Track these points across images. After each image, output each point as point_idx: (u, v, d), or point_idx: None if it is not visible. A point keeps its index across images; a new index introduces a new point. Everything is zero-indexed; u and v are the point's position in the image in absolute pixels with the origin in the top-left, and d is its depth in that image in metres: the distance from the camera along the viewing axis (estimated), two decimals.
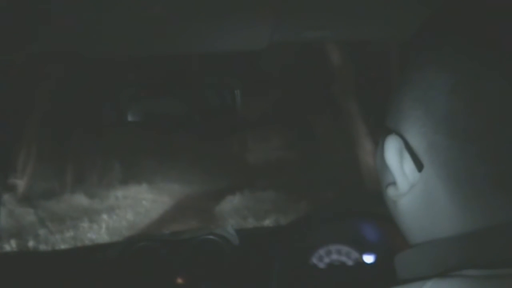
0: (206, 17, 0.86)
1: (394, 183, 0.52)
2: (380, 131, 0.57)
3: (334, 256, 1.34)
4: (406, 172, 0.50)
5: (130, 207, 9.68)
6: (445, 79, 0.45)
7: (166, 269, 1.29)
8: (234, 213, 8.64)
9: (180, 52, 1.09)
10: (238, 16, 0.87)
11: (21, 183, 9.35)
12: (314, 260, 1.33)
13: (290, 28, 0.99)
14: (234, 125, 12.85)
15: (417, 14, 0.91)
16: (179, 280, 1.28)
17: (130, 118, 1.14)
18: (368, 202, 1.38)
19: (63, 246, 6.48)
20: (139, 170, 13.67)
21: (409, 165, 0.49)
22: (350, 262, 1.33)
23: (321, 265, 1.32)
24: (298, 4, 0.86)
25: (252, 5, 0.84)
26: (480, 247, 0.44)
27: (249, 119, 11.89)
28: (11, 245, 6.20)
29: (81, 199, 10.20)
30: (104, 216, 8.49)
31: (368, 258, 1.33)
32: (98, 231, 7.61)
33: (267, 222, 7.40)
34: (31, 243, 6.47)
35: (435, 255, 0.47)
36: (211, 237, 1.32)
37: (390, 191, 0.53)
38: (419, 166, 0.48)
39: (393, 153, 0.50)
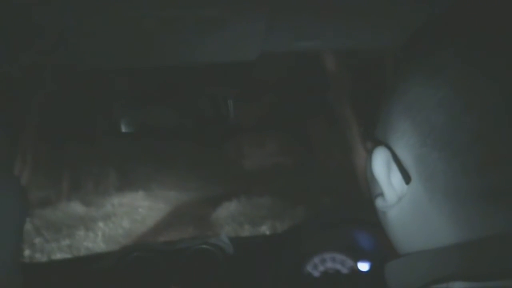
0: (198, 28, 0.87)
1: (382, 195, 0.52)
2: (369, 142, 0.57)
3: (329, 264, 1.33)
4: (393, 184, 0.50)
5: (126, 215, 9.65)
6: (431, 92, 0.46)
7: (161, 280, 1.29)
8: (230, 220, 8.62)
9: (172, 64, 1.09)
10: (230, 27, 0.88)
11: None
12: (309, 268, 1.33)
13: (282, 39, 0.99)
14: (230, 132, 12.86)
15: (410, 23, 0.92)
16: None
17: (123, 128, 1.14)
18: (363, 209, 1.38)
19: (59, 255, 6.45)
20: (135, 178, 13.64)
21: (396, 177, 0.50)
22: (344, 270, 1.33)
23: (316, 273, 1.32)
24: (289, 15, 0.87)
25: (244, 16, 0.84)
26: (467, 260, 0.44)
27: (245, 125, 11.89)
28: None
29: (77, 207, 10.17)
30: (100, 224, 8.46)
31: (363, 266, 1.33)
32: (94, 239, 7.58)
33: (264, 228, 7.39)
34: (27, 252, 6.43)
35: (423, 266, 0.48)
36: (205, 246, 1.32)
37: (379, 203, 0.54)
38: (406, 178, 0.48)
39: (380, 165, 0.51)
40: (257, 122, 12.46)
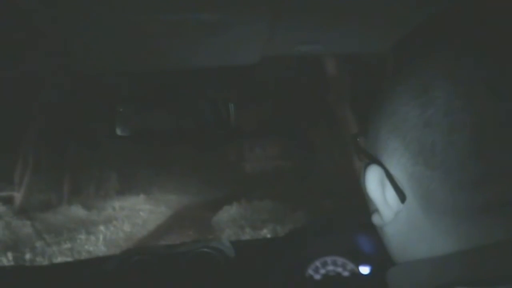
0: (200, 32, 0.87)
1: (378, 211, 0.52)
2: (361, 157, 0.57)
3: (330, 267, 1.33)
4: (389, 201, 0.50)
5: (127, 218, 9.66)
6: (418, 113, 0.46)
7: (162, 283, 1.29)
8: (231, 223, 8.62)
9: (174, 67, 1.10)
10: (232, 31, 0.88)
11: (18, 196, 9.34)
12: (310, 271, 1.32)
13: (283, 43, 1.00)
14: (230, 136, 12.87)
15: (411, 25, 0.92)
16: None
17: (124, 132, 1.14)
18: (364, 212, 1.37)
19: (60, 258, 6.45)
20: (136, 181, 13.67)
21: (391, 194, 0.49)
22: (346, 273, 1.33)
23: (317, 277, 1.32)
24: (291, 19, 0.87)
25: (245, 20, 0.85)
26: (469, 266, 0.44)
27: (245, 129, 11.90)
28: (7, 258, 6.16)
29: (78, 211, 10.18)
30: (101, 228, 8.46)
31: (364, 269, 1.33)
32: (95, 243, 7.58)
33: (264, 232, 7.39)
34: (28, 256, 6.43)
35: (425, 273, 0.48)
36: (206, 250, 1.32)
37: (375, 219, 0.54)
38: (401, 197, 0.48)
39: (374, 184, 0.51)
40: (258, 126, 12.47)
